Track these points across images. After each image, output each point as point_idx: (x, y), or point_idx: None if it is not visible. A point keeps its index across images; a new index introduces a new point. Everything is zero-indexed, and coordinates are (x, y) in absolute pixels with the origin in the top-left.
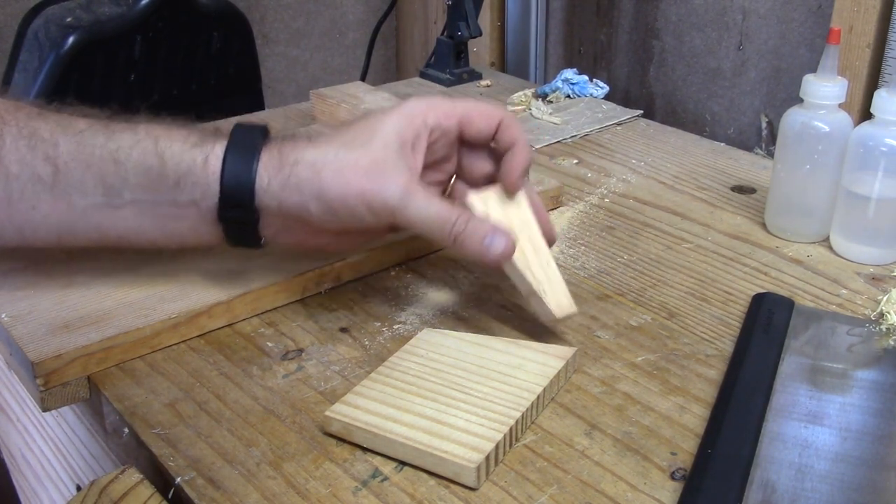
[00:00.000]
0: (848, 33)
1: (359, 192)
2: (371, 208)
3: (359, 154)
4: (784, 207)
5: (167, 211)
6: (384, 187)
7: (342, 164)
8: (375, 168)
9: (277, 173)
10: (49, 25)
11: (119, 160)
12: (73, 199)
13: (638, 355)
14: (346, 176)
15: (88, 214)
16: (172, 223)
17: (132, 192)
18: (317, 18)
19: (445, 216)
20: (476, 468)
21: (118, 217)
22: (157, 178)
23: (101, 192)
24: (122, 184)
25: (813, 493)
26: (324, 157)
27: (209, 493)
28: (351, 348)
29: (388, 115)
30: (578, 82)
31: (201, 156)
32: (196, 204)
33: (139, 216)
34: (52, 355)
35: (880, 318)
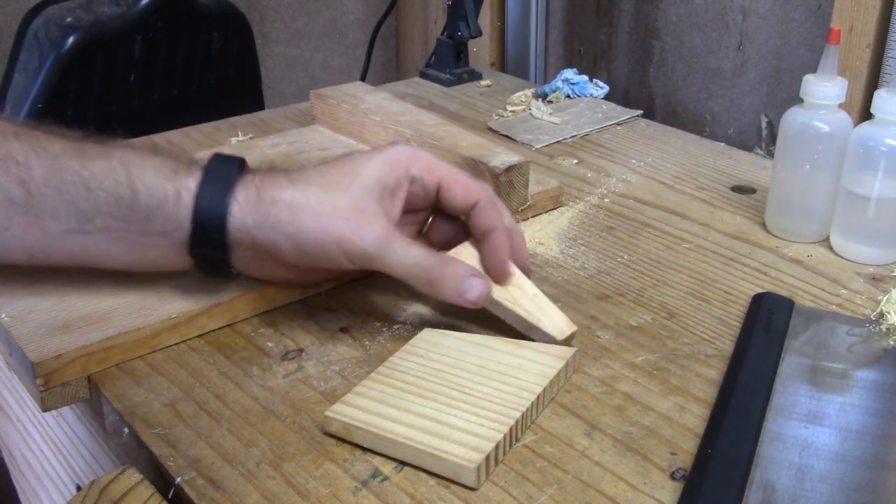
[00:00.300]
0: (848, 33)
1: (336, 238)
2: (348, 255)
3: (337, 198)
4: (784, 207)
5: (138, 239)
6: (361, 235)
7: (320, 208)
8: (354, 214)
9: (254, 211)
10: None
11: (91, 188)
12: (46, 222)
13: (638, 355)
14: (324, 221)
15: (61, 238)
16: (144, 251)
17: (103, 220)
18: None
19: (423, 263)
20: (476, 468)
21: (90, 242)
22: (128, 209)
23: (73, 217)
24: (93, 211)
25: (813, 493)
26: (303, 199)
27: (209, 493)
28: (351, 348)
29: (372, 159)
30: (578, 82)
31: (173, 189)
32: (167, 235)
33: (110, 243)
34: (52, 355)
35: (880, 318)
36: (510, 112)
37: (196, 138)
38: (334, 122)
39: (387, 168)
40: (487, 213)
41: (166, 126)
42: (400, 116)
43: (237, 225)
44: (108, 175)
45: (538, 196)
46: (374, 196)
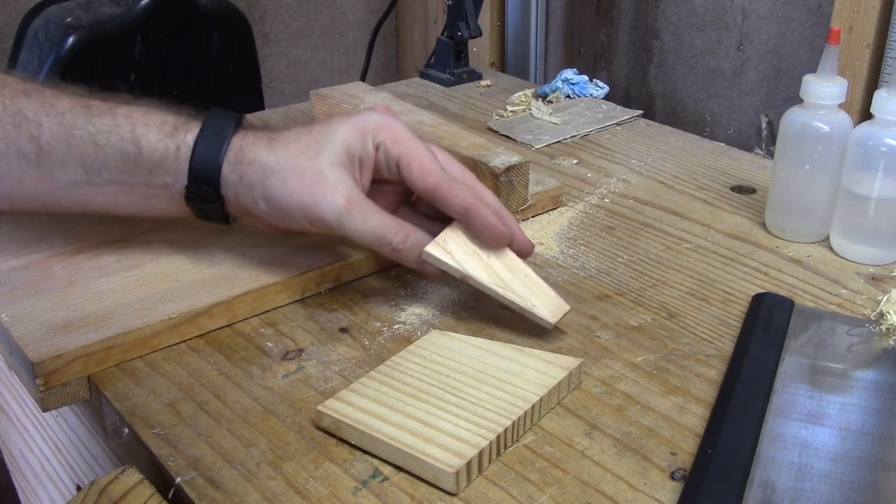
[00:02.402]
0: (848, 33)
1: (299, 204)
2: (310, 221)
3: (305, 166)
4: (784, 207)
5: (143, 191)
6: (321, 204)
7: (288, 175)
8: (317, 182)
9: (234, 169)
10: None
11: (98, 143)
12: (57, 175)
13: (638, 355)
14: (289, 186)
15: (71, 189)
16: (148, 200)
17: (110, 174)
18: (317, 18)
19: (382, 233)
20: (455, 473)
21: (98, 193)
22: (133, 164)
23: (82, 170)
24: (101, 165)
25: (813, 493)
26: (275, 164)
27: (209, 493)
28: (351, 348)
29: (343, 125)
30: (578, 82)
31: (174, 145)
32: (168, 187)
33: (117, 193)
34: (52, 355)
35: (880, 318)
36: (510, 112)
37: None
38: None
39: (356, 135)
40: (454, 194)
41: None
42: (400, 116)
43: (225, 181)
44: (113, 131)
45: (538, 196)
46: (342, 161)
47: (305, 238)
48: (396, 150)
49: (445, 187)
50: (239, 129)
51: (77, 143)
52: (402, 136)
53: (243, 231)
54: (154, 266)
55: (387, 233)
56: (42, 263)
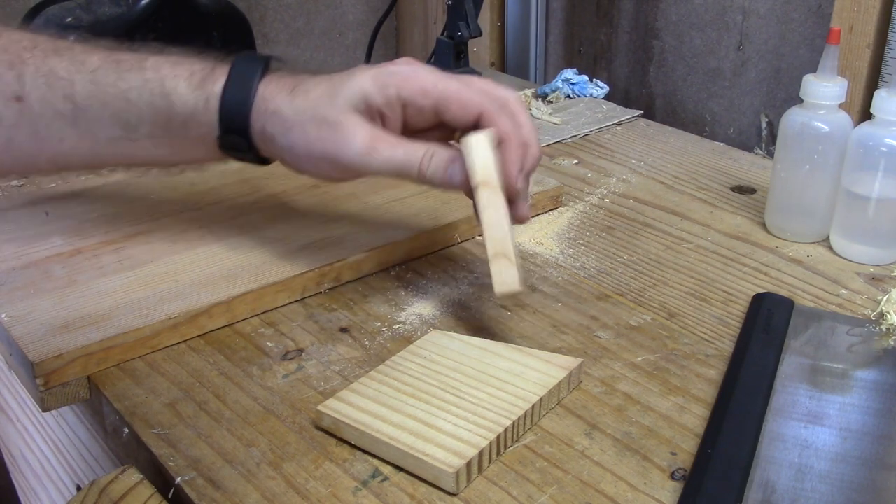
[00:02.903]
0: (848, 33)
1: (321, 152)
2: (336, 166)
3: (323, 113)
4: (784, 207)
5: (181, 143)
6: (343, 147)
7: (307, 125)
8: (337, 130)
9: (259, 118)
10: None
11: (131, 100)
12: (96, 132)
13: (638, 355)
14: (310, 135)
15: (112, 146)
16: (188, 150)
17: (147, 128)
18: (317, 18)
19: (412, 160)
20: (455, 473)
21: (138, 147)
22: (166, 119)
23: (118, 127)
24: (136, 121)
25: (813, 493)
26: (293, 115)
27: (209, 493)
28: (351, 348)
29: (364, 75)
30: (578, 82)
31: (203, 97)
32: (203, 138)
33: (157, 147)
34: (52, 355)
35: (880, 318)
36: None
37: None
38: None
39: (376, 87)
40: (496, 122)
41: None
42: None
43: (254, 128)
44: (143, 87)
45: (538, 196)
46: (360, 109)
47: (306, 238)
48: (429, 100)
49: (489, 111)
50: (266, 74)
51: (110, 101)
52: (429, 84)
53: (244, 231)
54: (154, 266)
55: (415, 157)
56: (42, 263)
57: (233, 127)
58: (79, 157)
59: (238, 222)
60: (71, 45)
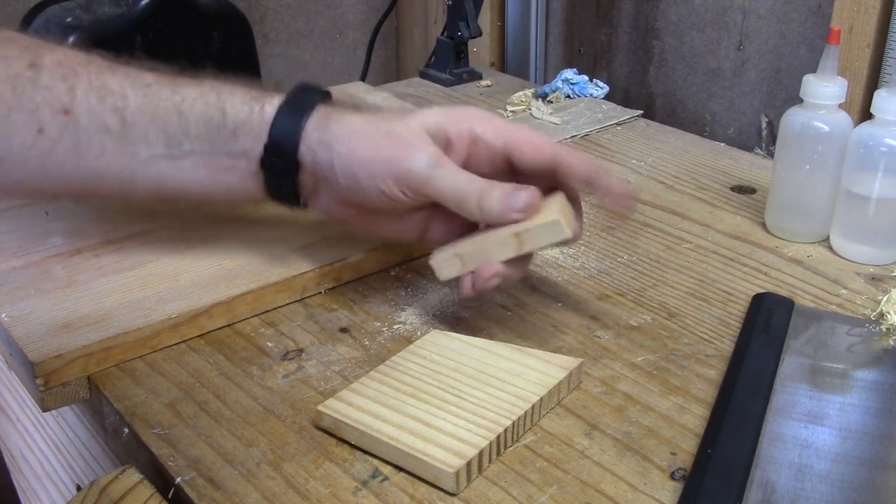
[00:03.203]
0: (848, 33)
1: (385, 158)
2: (396, 177)
3: (393, 126)
4: (784, 207)
5: (221, 162)
6: (411, 157)
7: (376, 133)
8: (406, 140)
9: (318, 127)
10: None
11: (183, 111)
12: (137, 148)
13: (638, 355)
14: (377, 141)
15: (150, 164)
16: (224, 175)
17: (191, 143)
18: (317, 18)
19: (472, 185)
20: (455, 473)
21: (176, 168)
22: (216, 128)
23: (163, 142)
24: (182, 134)
25: (813, 493)
26: (362, 124)
27: (209, 493)
28: (351, 348)
29: (435, 109)
30: (578, 82)
31: (258, 106)
32: (246, 154)
33: (195, 167)
34: (52, 355)
35: (880, 318)
36: (510, 112)
37: None
38: None
39: (450, 118)
40: (578, 160)
41: None
42: None
43: (306, 141)
44: (199, 98)
45: None
46: (431, 132)
47: (305, 238)
48: (500, 139)
49: (563, 156)
50: (326, 100)
51: (161, 114)
52: (501, 124)
53: (244, 231)
54: (154, 266)
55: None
56: (42, 263)
57: (282, 136)
58: (113, 176)
59: (238, 222)
60: (126, 65)
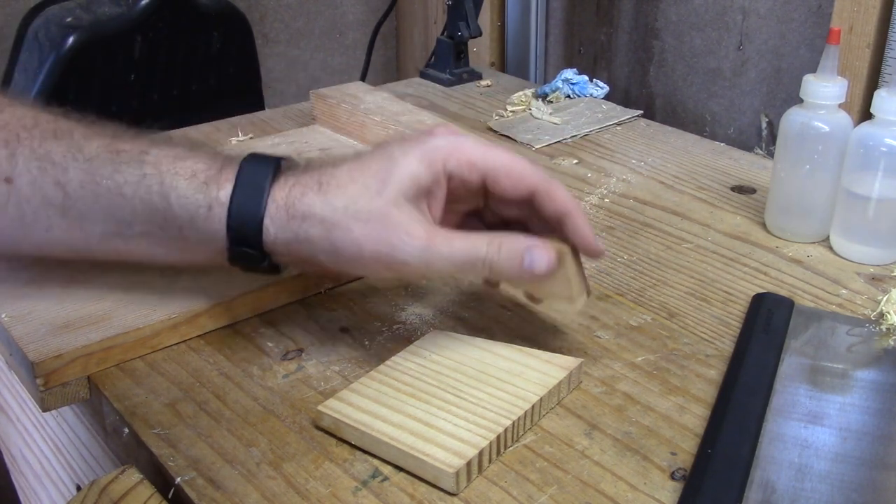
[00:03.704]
0: (848, 33)
1: (373, 254)
2: (389, 268)
3: (368, 209)
4: (784, 207)
5: (179, 244)
6: (400, 248)
7: (351, 223)
8: (388, 227)
9: (284, 227)
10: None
11: (125, 195)
12: (86, 225)
13: (638, 355)
14: (357, 237)
15: (104, 241)
16: (186, 254)
17: (142, 226)
18: (317, 18)
19: (473, 253)
20: (455, 473)
21: (132, 245)
22: (162, 219)
23: (111, 221)
24: (130, 217)
25: (813, 493)
26: (332, 214)
27: (209, 493)
28: (351, 348)
29: (407, 155)
30: (578, 82)
31: (205, 202)
32: (205, 243)
33: (154, 246)
34: (52, 355)
35: (880, 318)
36: (510, 112)
37: (196, 138)
38: (334, 122)
39: (423, 166)
40: (556, 195)
41: (166, 126)
42: (400, 116)
43: (271, 239)
44: (140, 183)
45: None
46: (409, 197)
47: None
48: (476, 173)
49: (543, 189)
50: (279, 177)
51: (103, 193)
52: (477, 155)
53: None
54: (154, 266)
55: (478, 250)
56: (42, 263)
57: (243, 238)
58: (66, 249)
59: None
60: (72, 128)
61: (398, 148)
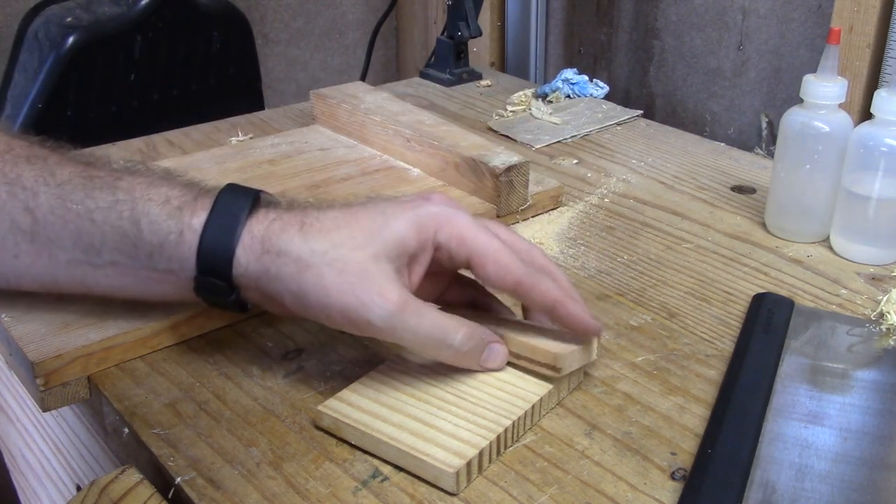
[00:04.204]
0: (848, 33)
1: (340, 305)
2: (352, 324)
3: (347, 259)
4: (784, 207)
5: (147, 275)
6: (369, 307)
7: (327, 270)
8: (361, 281)
9: (257, 260)
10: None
11: (95, 220)
12: (54, 251)
13: (638, 355)
14: (328, 285)
15: (70, 268)
16: (153, 285)
17: (110, 254)
18: (317, 18)
19: (441, 335)
20: (455, 473)
21: (99, 274)
22: (132, 246)
23: (80, 248)
24: (100, 244)
25: (813, 493)
26: (310, 256)
27: (209, 493)
28: (351, 348)
29: (399, 217)
30: (578, 82)
31: (177, 228)
32: (174, 273)
33: (119, 276)
34: (52, 355)
35: (880, 318)
36: (510, 112)
37: (196, 138)
38: (334, 122)
39: (413, 231)
40: (538, 290)
41: (166, 126)
42: (400, 116)
43: (241, 272)
44: (112, 207)
45: (538, 196)
46: (392, 257)
47: None
48: (464, 250)
49: (527, 284)
50: (258, 210)
51: (73, 219)
52: (468, 233)
53: None
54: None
55: (446, 333)
56: None
57: (212, 269)
58: (33, 277)
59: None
60: (47, 154)
61: (392, 207)
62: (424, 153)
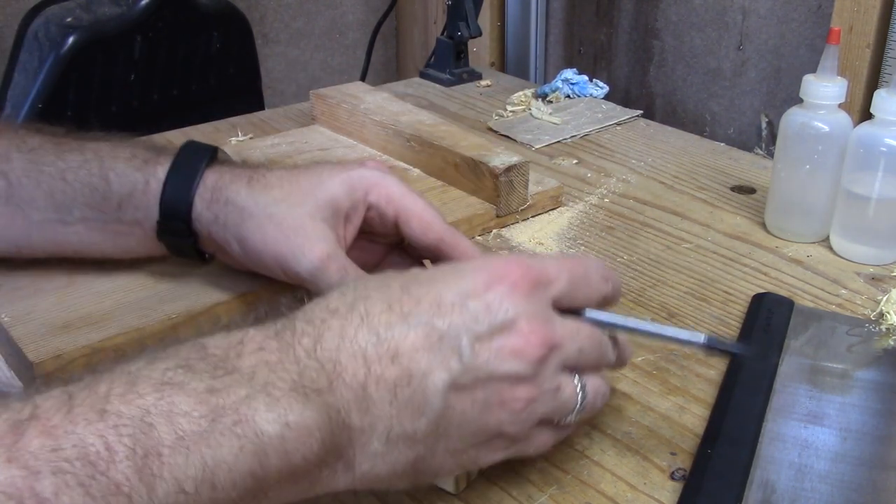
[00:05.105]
0: (848, 33)
1: (274, 254)
2: (284, 271)
3: (285, 214)
4: (784, 207)
5: (115, 227)
6: (298, 257)
7: (266, 221)
8: (297, 234)
9: (207, 208)
10: (49, 25)
11: (67, 179)
12: (28, 212)
13: (638, 355)
14: (266, 234)
15: (43, 228)
16: (121, 239)
17: (81, 211)
18: (317, 18)
19: None
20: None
21: (70, 231)
22: (101, 198)
23: (52, 207)
24: (71, 202)
25: (813, 493)
26: (252, 206)
27: None
28: None
29: (333, 177)
30: (578, 82)
31: (143, 178)
32: (139, 223)
33: (89, 232)
34: (52, 355)
35: (880, 318)
36: (510, 112)
37: (196, 138)
38: (334, 122)
39: (344, 189)
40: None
41: (166, 126)
42: (400, 116)
43: (198, 218)
44: (82, 166)
45: (538, 196)
46: (325, 216)
47: None
48: (392, 208)
49: (449, 241)
50: (214, 164)
51: (46, 180)
52: (397, 193)
53: None
54: (154, 266)
55: None
56: (42, 263)
57: (174, 212)
58: (8, 240)
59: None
60: (14, 127)
61: (328, 170)
62: (424, 153)
